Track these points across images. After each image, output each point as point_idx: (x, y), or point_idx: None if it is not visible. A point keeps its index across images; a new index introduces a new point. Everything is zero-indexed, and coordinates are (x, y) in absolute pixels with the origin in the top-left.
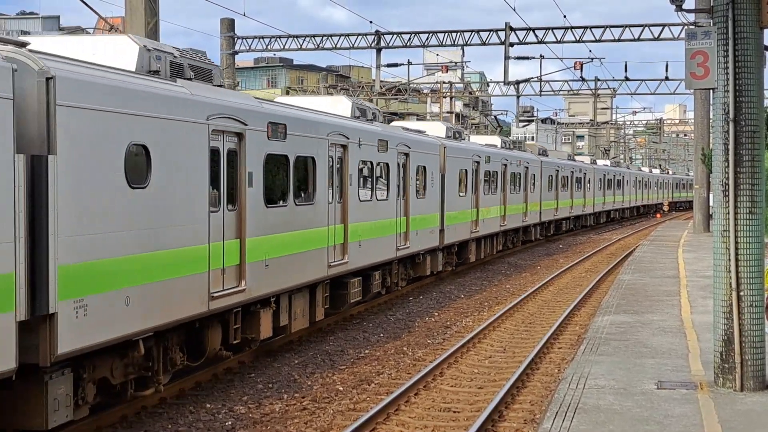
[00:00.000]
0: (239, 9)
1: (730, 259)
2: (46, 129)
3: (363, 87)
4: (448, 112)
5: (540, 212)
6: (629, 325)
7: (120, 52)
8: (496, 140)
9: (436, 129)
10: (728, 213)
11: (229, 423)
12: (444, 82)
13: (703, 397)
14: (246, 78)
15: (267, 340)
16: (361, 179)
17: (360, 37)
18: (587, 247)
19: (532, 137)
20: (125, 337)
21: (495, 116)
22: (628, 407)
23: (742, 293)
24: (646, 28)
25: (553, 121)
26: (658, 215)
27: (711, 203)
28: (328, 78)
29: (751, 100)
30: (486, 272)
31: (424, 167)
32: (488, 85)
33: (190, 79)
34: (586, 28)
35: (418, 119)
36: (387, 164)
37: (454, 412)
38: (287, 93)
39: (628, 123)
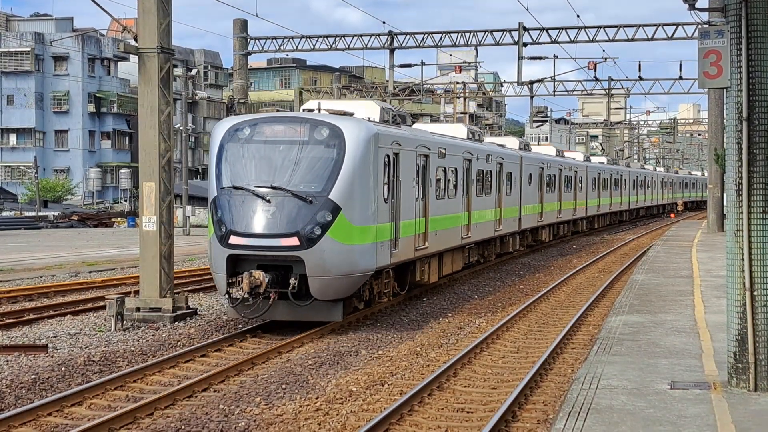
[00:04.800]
0: (252, 10)
1: (743, 259)
2: None
3: (376, 88)
4: (461, 113)
5: (627, 203)
6: (642, 325)
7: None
8: (603, 159)
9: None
10: (742, 212)
11: (242, 424)
12: (458, 83)
13: (716, 398)
14: (259, 79)
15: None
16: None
17: (373, 37)
18: (600, 247)
19: (546, 137)
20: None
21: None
22: (641, 407)
23: (755, 293)
24: (660, 27)
25: (567, 121)
26: (672, 215)
27: (724, 203)
28: (341, 79)
29: (765, 99)
30: (499, 273)
31: (581, 177)
32: (502, 86)
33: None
34: (599, 27)
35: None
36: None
37: (468, 412)
38: (300, 94)
39: (642, 123)
